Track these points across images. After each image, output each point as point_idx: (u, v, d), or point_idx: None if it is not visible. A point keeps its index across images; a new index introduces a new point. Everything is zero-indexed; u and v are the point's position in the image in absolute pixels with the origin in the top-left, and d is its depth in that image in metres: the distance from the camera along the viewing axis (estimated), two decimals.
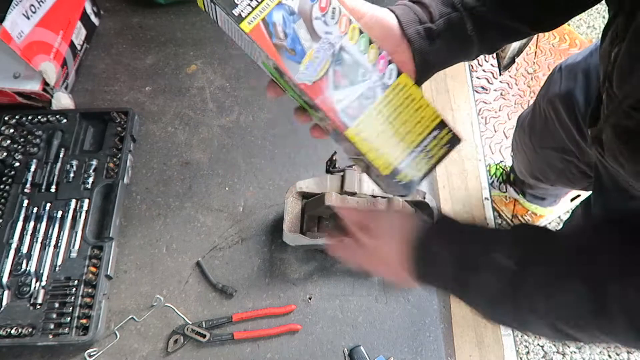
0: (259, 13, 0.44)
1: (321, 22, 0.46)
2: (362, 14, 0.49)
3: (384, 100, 0.49)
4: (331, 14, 0.46)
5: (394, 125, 0.50)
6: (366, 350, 0.76)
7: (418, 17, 0.50)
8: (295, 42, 0.45)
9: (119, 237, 0.84)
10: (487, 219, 1.15)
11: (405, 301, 0.81)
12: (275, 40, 0.45)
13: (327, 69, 0.47)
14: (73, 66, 1.01)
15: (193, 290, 0.81)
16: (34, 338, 0.73)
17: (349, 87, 0.48)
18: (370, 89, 0.48)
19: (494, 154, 1.68)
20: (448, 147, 0.52)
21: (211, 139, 0.96)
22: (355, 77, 0.48)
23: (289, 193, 0.79)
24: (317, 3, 0.46)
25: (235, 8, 0.43)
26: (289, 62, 0.45)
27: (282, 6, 0.44)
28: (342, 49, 0.47)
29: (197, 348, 0.76)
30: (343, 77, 0.47)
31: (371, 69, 0.48)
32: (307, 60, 0.46)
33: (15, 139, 0.90)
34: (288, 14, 0.45)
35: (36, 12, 0.92)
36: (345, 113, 0.48)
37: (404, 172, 0.50)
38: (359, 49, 0.48)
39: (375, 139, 0.49)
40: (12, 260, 0.79)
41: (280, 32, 0.45)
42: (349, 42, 0.47)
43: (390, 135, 0.50)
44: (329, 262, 0.84)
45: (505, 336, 0.99)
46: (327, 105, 0.48)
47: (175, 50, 1.08)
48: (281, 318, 0.79)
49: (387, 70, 0.49)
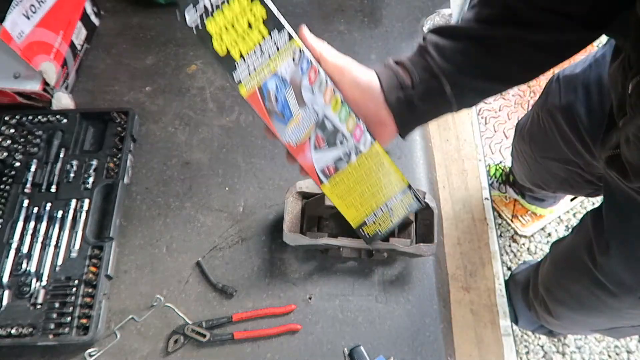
0: (255, 80, 0.51)
1: (309, 92, 0.52)
2: (347, 73, 0.53)
3: (357, 163, 0.56)
4: (318, 86, 0.52)
5: (364, 185, 0.57)
6: (366, 350, 0.76)
7: (399, 82, 0.53)
8: (284, 107, 0.52)
9: (119, 237, 0.85)
10: (487, 219, 1.15)
11: (405, 301, 0.81)
12: (267, 105, 0.52)
13: (310, 133, 0.54)
14: (73, 66, 1.01)
15: (193, 290, 0.81)
16: (34, 338, 0.73)
17: (327, 150, 0.55)
18: (345, 153, 0.56)
19: (493, 154, 1.68)
20: (408, 209, 0.60)
21: (211, 139, 0.96)
22: (334, 141, 0.55)
23: (289, 193, 0.79)
24: (306, 75, 0.52)
25: (236, 75, 0.50)
26: (277, 124, 0.53)
27: (276, 75, 0.51)
28: (325, 117, 0.54)
29: (197, 348, 0.76)
30: (323, 141, 0.55)
31: (348, 136, 0.55)
32: (293, 124, 0.53)
33: (15, 139, 0.90)
34: (280, 82, 0.51)
35: (36, 12, 0.92)
36: (322, 172, 0.56)
37: (369, 225, 0.59)
38: (339, 118, 0.54)
39: (346, 196, 0.57)
40: (12, 260, 0.79)
41: (273, 97, 0.52)
42: (331, 112, 0.54)
43: (360, 193, 0.58)
44: (329, 262, 0.84)
45: (505, 336, 0.99)
46: (307, 163, 0.55)
47: (175, 50, 1.08)
48: (281, 318, 0.79)
49: (362, 138, 0.56)
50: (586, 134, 0.80)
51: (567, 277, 0.85)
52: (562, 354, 1.33)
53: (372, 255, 0.81)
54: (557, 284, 0.92)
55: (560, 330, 1.20)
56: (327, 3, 1.17)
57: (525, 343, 1.35)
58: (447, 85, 0.52)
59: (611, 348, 1.34)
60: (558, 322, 1.02)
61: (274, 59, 0.50)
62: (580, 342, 1.34)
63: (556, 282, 0.93)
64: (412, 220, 0.80)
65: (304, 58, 0.51)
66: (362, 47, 1.10)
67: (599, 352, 1.33)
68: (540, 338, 1.34)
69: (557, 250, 0.93)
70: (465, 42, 0.52)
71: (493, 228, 1.14)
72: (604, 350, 1.34)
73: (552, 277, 0.95)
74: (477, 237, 1.12)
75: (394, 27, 1.14)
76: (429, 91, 0.53)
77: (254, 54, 0.50)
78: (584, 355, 1.33)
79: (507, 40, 0.51)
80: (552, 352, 1.33)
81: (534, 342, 1.35)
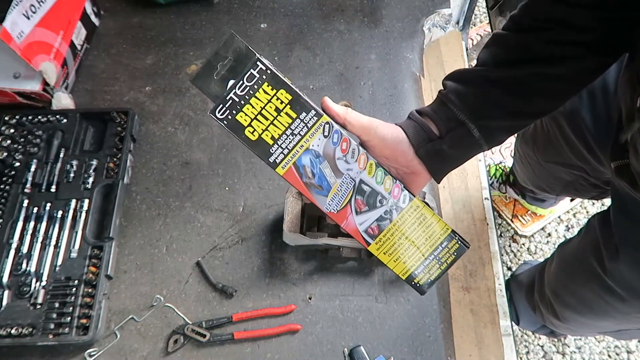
0: (290, 159, 0.53)
1: (343, 161, 0.55)
2: (374, 133, 0.55)
3: (399, 221, 0.59)
4: (351, 154, 0.55)
5: (408, 240, 0.59)
6: (366, 350, 0.76)
7: (427, 135, 0.55)
8: (322, 179, 0.55)
9: (119, 237, 0.84)
10: (487, 219, 1.15)
11: (405, 301, 0.81)
12: (305, 180, 0.54)
13: (349, 199, 0.56)
14: (73, 66, 1.01)
15: (193, 290, 0.81)
16: (34, 338, 0.73)
17: (369, 211, 0.57)
18: (387, 212, 0.58)
19: (493, 154, 1.67)
20: (456, 254, 0.61)
21: (211, 139, 0.96)
22: (374, 203, 0.57)
23: (289, 193, 0.79)
24: (338, 146, 0.54)
25: (271, 157, 0.52)
26: (318, 197, 0.55)
27: (309, 151, 0.53)
28: (362, 182, 0.56)
29: (197, 348, 0.76)
30: (363, 205, 0.57)
31: (387, 196, 0.58)
32: (332, 194, 0.55)
33: (15, 139, 0.90)
34: (314, 157, 0.54)
35: (36, 12, 0.92)
36: (366, 233, 0.58)
37: (418, 276, 0.60)
38: (376, 181, 0.57)
39: (392, 252, 0.59)
40: (12, 260, 0.79)
41: (309, 172, 0.54)
42: (367, 176, 0.56)
43: (406, 247, 0.59)
44: (329, 262, 0.84)
45: (505, 336, 0.99)
46: (351, 228, 0.57)
47: (175, 50, 1.08)
48: (281, 318, 0.79)
49: (401, 196, 0.58)
50: (592, 139, 0.79)
51: (576, 281, 0.85)
52: (562, 354, 1.33)
53: (372, 255, 0.81)
54: (565, 288, 0.92)
55: (566, 332, 1.19)
56: (327, 3, 1.17)
57: (525, 343, 1.35)
58: (475, 129, 0.53)
59: (611, 348, 1.34)
60: (565, 325, 1.01)
61: (305, 137, 0.53)
62: (580, 342, 1.34)
63: (564, 286, 0.92)
64: None
65: (333, 131, 0.54)
66: (362, 47, 1.10)
67: (599, 352, 1.33)
68: (541, 338, 1.34)
69: (564, 253, 0.92)
70: (486, 86, 0.53)
71: (493, 228, 1.14)
72: (604, 350, 1.34)
73: (560, 281, 0.94)
74: (477, 237, 1.12)
75: (394, 27, 1.14)
76: (458, 139, 0.54)
77: (285, 136, 0.52)
78: (584, 355, 1.33)
79: (528, 78, 0.52)
80: (552, 352, 1.33)
81: (534, 342, 1.35)
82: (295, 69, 1.06)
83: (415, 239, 0.59)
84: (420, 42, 1.14)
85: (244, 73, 0.50)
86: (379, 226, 0.58)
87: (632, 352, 1.34)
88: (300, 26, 1.11)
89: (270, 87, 0.51)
